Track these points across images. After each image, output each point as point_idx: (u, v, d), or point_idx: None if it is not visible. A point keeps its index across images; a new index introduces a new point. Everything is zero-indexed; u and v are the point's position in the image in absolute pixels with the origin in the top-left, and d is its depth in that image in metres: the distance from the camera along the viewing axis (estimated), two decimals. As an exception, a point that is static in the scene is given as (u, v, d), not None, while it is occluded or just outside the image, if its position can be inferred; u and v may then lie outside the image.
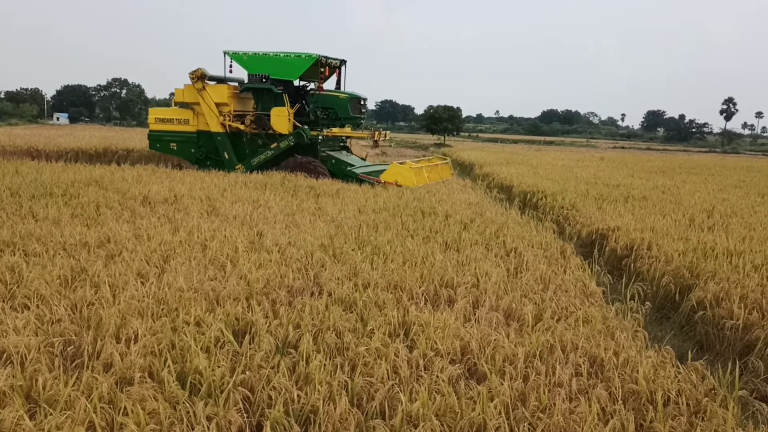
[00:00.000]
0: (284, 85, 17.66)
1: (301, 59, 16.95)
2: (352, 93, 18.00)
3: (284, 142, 17.11)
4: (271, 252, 7.21)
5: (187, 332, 4.61)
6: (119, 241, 7.43)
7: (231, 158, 17.70)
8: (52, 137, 30.19)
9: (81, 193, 10.79)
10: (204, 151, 18.22)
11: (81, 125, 78.30)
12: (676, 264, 8.07)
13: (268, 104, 17.39)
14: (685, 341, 6.84)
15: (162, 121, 18.42)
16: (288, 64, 17.13)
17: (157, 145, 18.81)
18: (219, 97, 17.48)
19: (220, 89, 17.55)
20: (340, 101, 17.71)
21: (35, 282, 5.62)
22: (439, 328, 4.98)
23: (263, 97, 17.56)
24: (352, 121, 17.93)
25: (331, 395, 3.88)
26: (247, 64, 17.43)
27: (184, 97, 17.80)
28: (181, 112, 18.28)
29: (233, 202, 10.87)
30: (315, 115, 17.73)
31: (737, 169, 30.70)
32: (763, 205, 14.71)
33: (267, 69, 17.31)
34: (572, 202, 13.89)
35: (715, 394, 4.23)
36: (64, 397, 3.67)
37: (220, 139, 17.73)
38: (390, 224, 9.35)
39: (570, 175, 21.55)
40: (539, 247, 8.55)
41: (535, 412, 3.84)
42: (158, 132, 18.54)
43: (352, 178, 16.36)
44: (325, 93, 17.87)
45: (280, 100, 17.14)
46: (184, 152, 18.59)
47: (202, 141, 18.14)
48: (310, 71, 17.32)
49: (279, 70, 17.26)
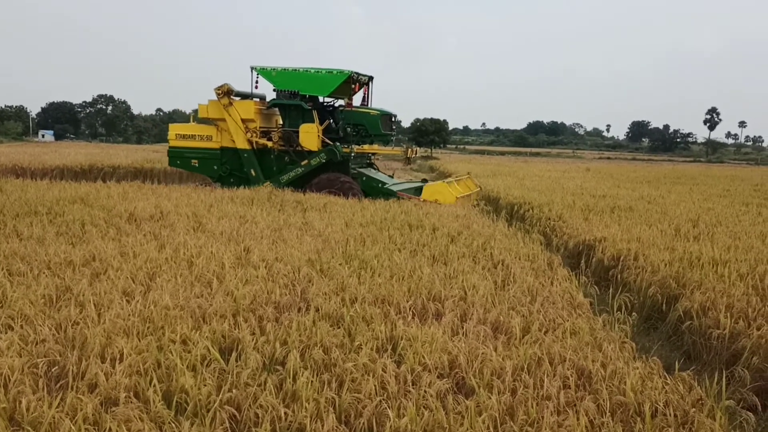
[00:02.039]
0: (311, 101, 17.26)
1: (333, 75, 16.58)
2: (382, 109, 17.53)
3: (315, 159, 16.66)
4: (257, 268, 7.18)
5: (173, 351, 4.57)
6: (104, 259, 7.37)
7: (258, 175, 17.20)
8: (37, 155, 30.00)
9: (66, 211, 10.70)
10: (228, 168, 17.68)
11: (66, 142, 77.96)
12: (663, 274, 8.11)
13: (295, 120, 16.97)
14: (672, 351, 6.86)
15: (183, 137, 17.84)
16: (319, 80, 16.73)
17: (177, 161, 18.24)
18: (246, 113, 17.00)
19: (247, 105, 17.10)
20: (371, 118, 17.22)
21: (19, 302, 5.56)
22: (427, 342, 4.97)
23: (291, 113, 17.13)
24: (382, 138, 17.52)
25: (319, 412, 3.85)
26: (275, 79, 17.01)
27: (208, 113, 17.30)
28: (204, 128, 17.81)
29: (220, 217, 10.83)
30: (344, 132, 17.29)
31: (722, 179, 31.00)
32: (748, 214, 14.84)
33: (296, 85, 16.90)
34: (559, 214, 13.95)
35: (703, 404, 4.23)
36: (48, 419, 3.62)
37: (247, 156, 17.22)
38: (377, 238, 9.34)
39: (556, 186, 21.67)
40: (526, 258, 8.56)
41: (524, 426, 3.83)
42: (179, 148, 17.95)
43: (385, 195, 15.96)
44: (354, 109, 17.42)
45: (309, 116, 16.75)
46: (206, 169, 18.04)
47: (226, 158, 17.60)
48: (341, 87, 16.95)
49: (309, 86, 16.84)
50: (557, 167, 38.86)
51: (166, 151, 18.50)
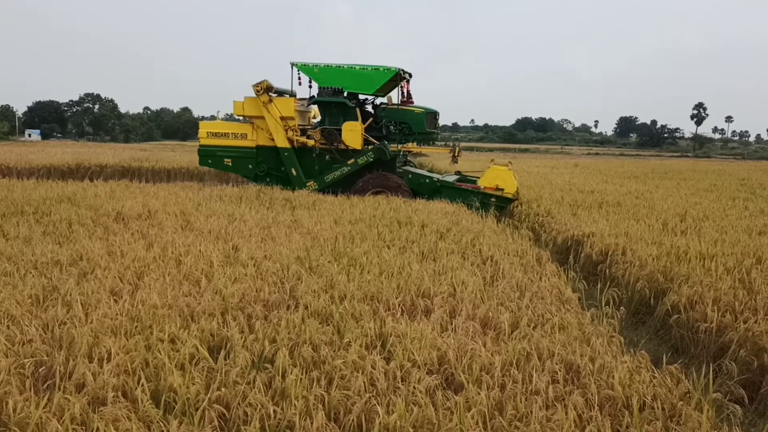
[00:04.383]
0: (354, 98, 16.88)
1: (380, 72, 16.12)
2: (426, 107, 17.07)
3: (363, 158, 16.19)
4: (246, 266, 7.16)
5: (161, 350, 4.55)
6: (92, 258, 7.33)
7: (299, 175, 16.63)
8: (24, 154, 29.78)
9: (53, 211, 10.63)
10: (265, 168, 17.05)
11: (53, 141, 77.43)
12: (651, 268, 8.16)
13: (336, 118, 16.54)
14: (660, 345, 6.91)
15: (215, 136, 17.13)
16: (365, 77, 16.25)
17: (208, 161, 17.47)
18: (286, 110, 16.38)
19: (287, 102, 16.46)
20: (415, 116, 16.75)
21: (5, 302, 5.52)
22: (416, 338, 4.97)
23: (332, 111, 16.67)
24: (426, 136, 17.13)
25: (308, 410, 3.85)
26: (317, 76, 16.42)
27: (244, 110, 16.65)
28: (238, 126, 17.24)
29: (208, 216, 10.78)
30: (387, 130, 16.83)
31: (709, 173, 31.18)
32: (734, 208, 14.93)
33: (341, 82, 16.43)
34: (547, 209, 14.00)
35: (690, 397, 4.26)
36: (35, 420, 3.60)
37: (287, 155, 16.61)
38: (366, 235, 9.34)
39: (545, 182, 21.73)
40: (515, 254, 8.59)
41: (513, 420, 3.84)
42: (210, 147, 17.20)
43: (433, 192, 15.79)
44: (398, 107, 16.92)
45: (352, 114, 16.35)
46: (240, 168, 17.39)
47: (263, 156, 17.06)
48: (386, 85, 16.62)
49: (355, 83, 16.40)
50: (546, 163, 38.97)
51: (197, 150, 17.76)
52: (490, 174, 15.67)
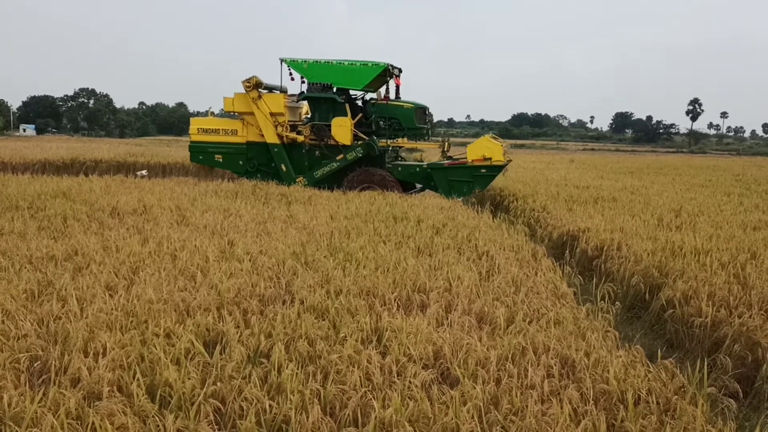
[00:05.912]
0: (343, 94, 16.79)
1: (369, 68, 16.16)
2: (415, 102, 17.08)
3: (352, 154, 16.27)
4: (242, 261, 7.16)
5: (156, 344, 4.54)
6: (87, 253, 7.32)
7: (289, 171, 16.68)
8: (18, 149, 29.67)
9: (48, 206, 10.60)
10: (255, 164, 17.10)
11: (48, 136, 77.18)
12: (646, 263, 8.17)
13: (326, 114, 16.51)
14: (655, 340, 6.93)
15: (205, 132, 17.15)
16: (354, 72, 16.26)
17: (199, 157, 17.60)
18: (276, 106, 16.42)
19: (277, 98, 16.55)
20: (405, 111, 16.74)
21: (0, 297, 5.51)
22: (412, 333, 4.98)
23: (321, 106, 16.64)
24: (416, 132, 17.03)
25: (304, 404, 3.85)
26: (306, 72, 16.43)
27: (234, 106, 16.69)
28: (228, 123, 17.23)
29: (203, 211, 10.77)
30: (376, 126, 16.80)
31: (704, 169, 31.21)
32: (729, 203, 14.96)
33: (330, 78, 16.36)
34: (543, 205, 14.01)
35: (685, 391, 4.28)
36: (30, 414, 3.59)
37: (277, 151, 16.69)
38: (362, 230, 9.33)
39: (541, 177, 21.72)
40: (511, 249, 8.59)
41: (508, 415, 3.85)
42: (201, 143, 17.30)
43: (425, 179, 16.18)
44: (387, 102, 16.86)
45: (341, 110, 16.36)
46: (231, 164, 17.45)
47: (253, 153, 17.07)
48: (375, 80, 16.59)
49: (344, 78, 16.38)
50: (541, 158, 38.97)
51: (188, 146, 17.79)
52: (474, 146, 15.77)
